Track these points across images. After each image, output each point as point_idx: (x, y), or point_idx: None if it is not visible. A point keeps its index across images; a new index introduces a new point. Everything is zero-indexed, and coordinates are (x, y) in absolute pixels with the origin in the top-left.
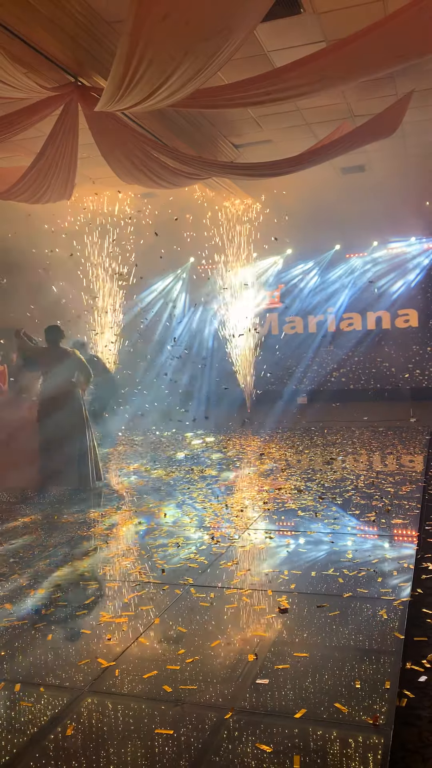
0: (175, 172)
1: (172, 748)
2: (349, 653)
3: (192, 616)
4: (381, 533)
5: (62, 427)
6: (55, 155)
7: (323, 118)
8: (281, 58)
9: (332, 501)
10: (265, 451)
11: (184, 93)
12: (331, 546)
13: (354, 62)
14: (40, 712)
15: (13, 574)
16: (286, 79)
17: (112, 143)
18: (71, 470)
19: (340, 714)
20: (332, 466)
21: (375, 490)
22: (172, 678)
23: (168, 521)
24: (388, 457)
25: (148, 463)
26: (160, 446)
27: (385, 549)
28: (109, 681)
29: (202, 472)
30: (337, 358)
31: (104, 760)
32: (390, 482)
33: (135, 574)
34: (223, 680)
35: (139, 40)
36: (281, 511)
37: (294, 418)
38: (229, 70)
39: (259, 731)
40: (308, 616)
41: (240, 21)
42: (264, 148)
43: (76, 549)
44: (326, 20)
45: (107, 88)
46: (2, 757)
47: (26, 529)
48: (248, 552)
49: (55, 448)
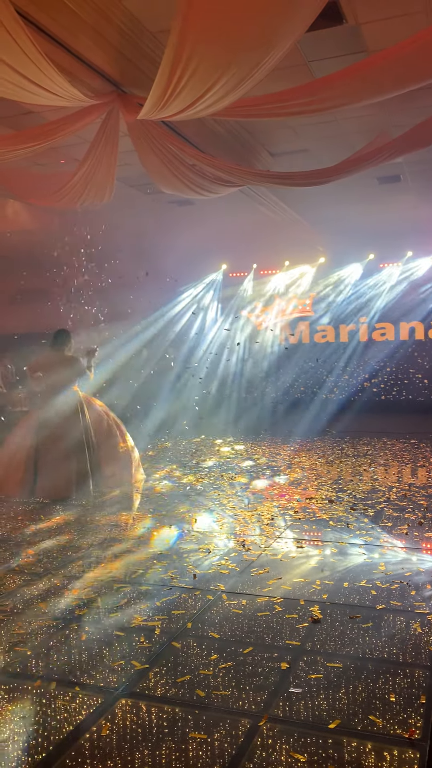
0: (211, 180)
1: (206, 752)
2: (383, 666)
3: (224, 622)
4: (414, 546)
5: (72, 435)
6: (96, 162)
7: (360, 128)
8: (321, 68)
9: (364, 512)
10: (295, 461)
11: (226, 103)
12: (363, 557)
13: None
14: (76, 711)
15: (47, 575)
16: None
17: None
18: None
19: (374, 726)
20: (363, 477)
21: (407, 502)
22: (205, 683)
23: (198, 527)
24: (420, 470)
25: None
26: (188, 452)
27: (418, 562)
28: (143, 683)
29: (231, 479)
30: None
31: (139, 761)
32: (422, 495)
33: (166, 578)
34: (256, 687)
35: (184, 50)
36: (312, 521)
37: (324, 427)
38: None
39: (293, 740)
40: (341, 626)
41: (284, 32)
42: (300, 157)
43: (108, 551)
44: (367, 30)
45: (150, 96)
46: (39, 754)
47: (59, 530)
48: (279, 560)
49: (67, 457)
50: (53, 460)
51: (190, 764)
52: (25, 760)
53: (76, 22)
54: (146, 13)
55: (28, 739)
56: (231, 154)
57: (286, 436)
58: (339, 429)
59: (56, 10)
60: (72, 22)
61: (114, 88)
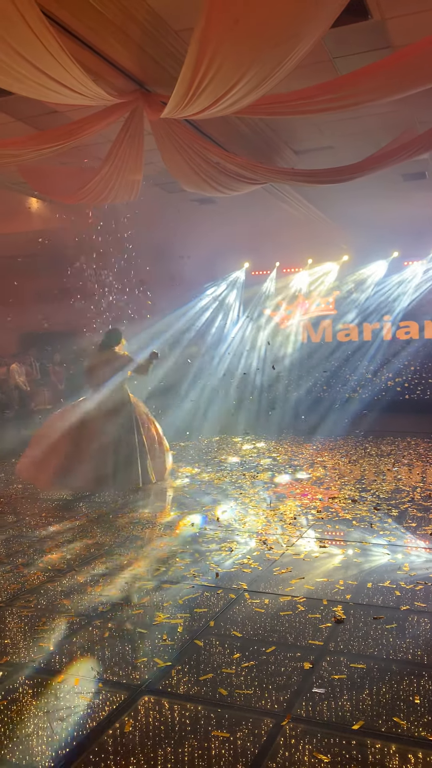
0: (234, 178)
1: (228, 751)
2: (407, 667)
3: (246, 620)
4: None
5: (113, 430)
6: (120, 160)
7: (385, 125)
8: (346, 64)
9: (387, 513)
10: (317, 460)
11: (250, 100)
12: (386, 558)
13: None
14: (99, 707)
15: (70, 571)
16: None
17: (174, 149)
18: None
19: (399, 728)
20: (386, 476)
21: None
22: (227, 681)
23: (220, 525)
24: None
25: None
26: (211, 450)
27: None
28: (166, 681)
29: (254, 477)
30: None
31: (162, 758)
32: None
33: (189, 576)
34: (279, 687)
35: (208, 47)
36: (335, 521)
37: (347, 426)
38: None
39: (316, 740)
40: (364, 627)
41: (309, 28)
42: (325, 155)
43: (131, 549)
44: (392, 26)
45: (174, 95)
46: (62, 750)
47: (83, 527)
48: (302, 560)
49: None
50: (92, 455)
51: (212, 762)
52: (48, 755)
53: (101, 21)
54: (170, 11)
55: (51, 735)
56: (255, 152)
57: (309, 435)
58: (362, 428)
59: (81, 9)
60: (96, 21)
61: (138, 86)
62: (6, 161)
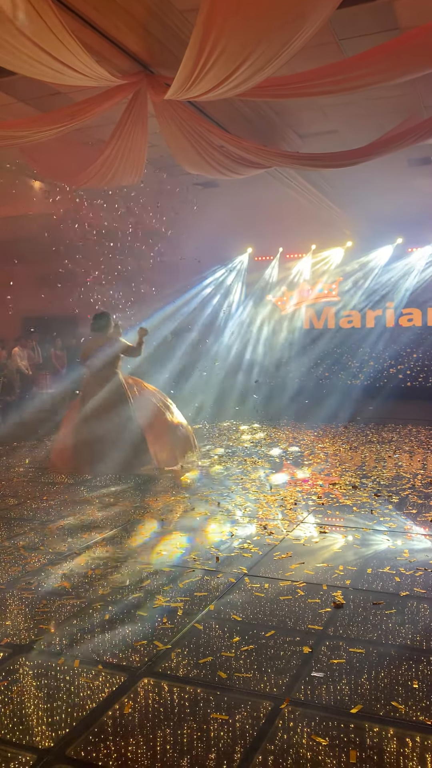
0: (238, 161)
1: (227, 733)
2: (406, 652)
3: (246, 605)
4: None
5: (104, 414)
6: (124, 142)
7: (391, 109)
8: (353, 46)
9: (388, 499)
10: (318, 446)
11: (254, 82)
12: (387, 544)
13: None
14: (98, 689)
15: (70, 554)
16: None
17: (178, 131)
18: (117, 455)
19: (397, 712)
20: (387, 463)
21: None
22: (227, 665)
23: (221, 510)
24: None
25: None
26: (214, 436)
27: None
28: (165, 663)
29: (255, 463)
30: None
31: (161, 740)
32: None
33: (189, 560)
34: (278, 670)
35: (213, 28)
36: (335, 507)
37: (350, 414)
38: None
39: (315, 723)
40: (363, 612)
41: (315, 8)
42: (329, 139)
43: (132, 532)
44: (400, 7)
45: (178, 76)
46: (62, 730)
47: (83, 510)
48: (302, 545)
49: (98, 434)
50: (95, 441)
51: (211, 744)
52: (48, 735)
53: (105, 1)
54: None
55: (51, 715)
56: (259, 135)
57: (310, 421)
58: (364, 415)
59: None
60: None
61: (142, 68)
62: (8, 143)
